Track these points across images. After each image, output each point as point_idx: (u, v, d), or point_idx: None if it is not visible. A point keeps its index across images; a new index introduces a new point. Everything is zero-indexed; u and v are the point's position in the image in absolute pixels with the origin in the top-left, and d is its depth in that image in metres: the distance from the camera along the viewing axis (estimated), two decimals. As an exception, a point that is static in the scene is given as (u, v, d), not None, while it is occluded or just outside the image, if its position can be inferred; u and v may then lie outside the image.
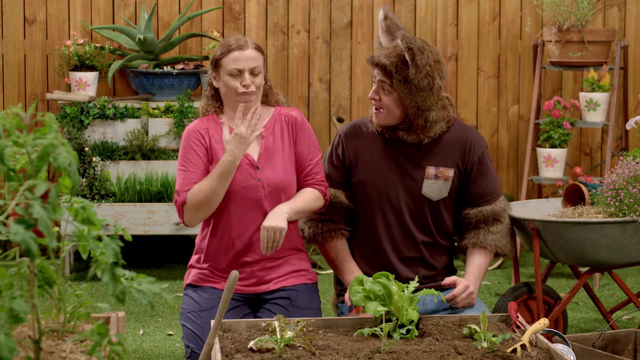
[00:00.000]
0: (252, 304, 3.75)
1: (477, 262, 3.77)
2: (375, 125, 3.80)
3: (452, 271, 3.88)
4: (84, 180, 5.74)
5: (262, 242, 3.58)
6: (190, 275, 3.79)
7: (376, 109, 3.73)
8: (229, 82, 3.67)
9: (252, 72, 3.68)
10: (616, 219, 3.91)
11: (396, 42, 3.68)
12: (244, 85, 3.66)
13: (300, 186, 3.77)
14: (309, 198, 3.72)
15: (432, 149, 3.77)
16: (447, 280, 3.65)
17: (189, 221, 3.68)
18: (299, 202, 3.69)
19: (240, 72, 3.66)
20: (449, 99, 3.81)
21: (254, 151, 3.74)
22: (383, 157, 3.79)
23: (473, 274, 3.74)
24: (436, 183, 3.76)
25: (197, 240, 3.82)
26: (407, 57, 3.58)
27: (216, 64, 3.72)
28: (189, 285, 3.79)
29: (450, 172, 3.77)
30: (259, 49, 3.73)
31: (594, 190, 4.17)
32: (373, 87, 3.72)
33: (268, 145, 3.74)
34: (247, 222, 3.67)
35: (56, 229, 5.45)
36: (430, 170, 3.76)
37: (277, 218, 3.60)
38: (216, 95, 3.78)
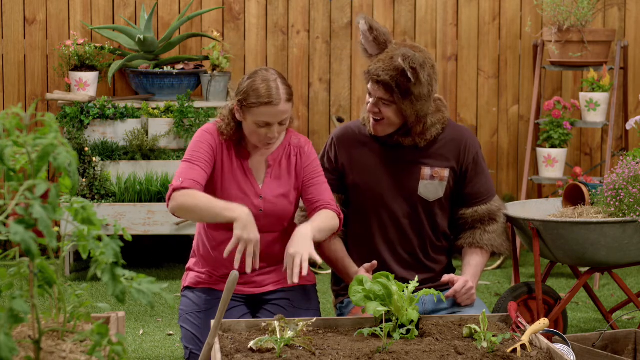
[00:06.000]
0: (252, 304, 3.74)
1: (474, 262, 3.77)
2: (370, 130, 3.78)
3: (451, 271, 3.88)
4: (84, 180, 5.74)
5: (288, 269, 3.40)
6: (188, 278, 3.78)
7: (375, 120, 3.72)
8: (255, 130, 3.55)
9: (281, 123, 3.56)
10: (616, 219, 3.91)
11: (391, 54, 3.63)
12: (269, 137, 3.56)
13: (309, 208, 3.67)
14: (325, 217, 3.60)
15: (428, 150, 3.77)
16: (445, 277, 3.65)
17: (172, 212, 3.56)
18: (320, 222, 3.56)
19: (267, 126, 3.55)
20: (441, 100, 3.81)
21: (259, 177, 3.69)
22: (378, 159, 3.78)
23: (470, 273, 3.74)
24: (432, 184, 3.76)
25: (194, 245, 3.80)
26: (411, 76, 3.55)
27: (243, 107, 3.56)
28: (187, 288, 3.78)
29: (445, 173, 3.77)
30: (290, 99, 3.55)
31: (594, 190, 4.17)
32: (370, 101, 3.68)
33: (274, 174, 3.67)
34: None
35: (56, 229, 5.45)
36: (426, 170, 3.76)
37: (302, 242, 3.43)
38: (238, 126, 3.64)
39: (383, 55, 3.67)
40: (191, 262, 3.81)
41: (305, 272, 3.38)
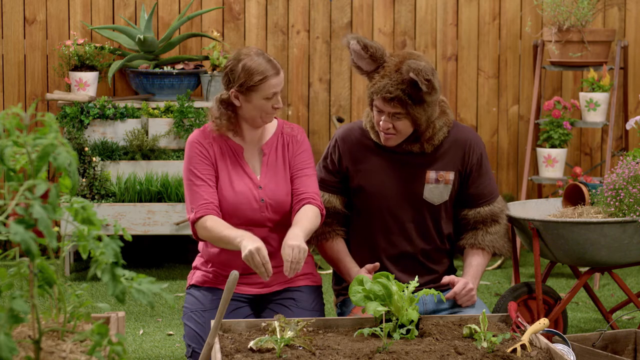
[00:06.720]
0: (256, 305, 3.74)
1: (475, 263, 3.77)
2: (375, 139, 3.76)
3: (452, 272, 3.88)
4: (84, 180, 5.74)
5: (287, 261, 3.40)
6: (195, 277, 3.78)
7: (387, 134, 3.68)
8: (263, 105, 3.60)
9: (281, 92, 3.66)
10: (616, 219, 3.91)
11: (394, 67, 3.60)
12: (275, 107, 3.60)
13: (294, 199, 3.67)
14: (313, 217, 3.60)
15: (433, 153, 3.75)
16: (445, 279, 3.65)
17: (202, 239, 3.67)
18: (308, 224, 3.56)
19: (275, 95, 3.61)
20: (445, 101, 3.79)
21: (256, 168, 3.70)
22: (383, 163, 3.76)
23: (471, 274, 3.73)
24: (437, 187, 3.75)
25: (200, 246, 3.80)
26: (426, 88, 3.52)
27: (248, 89, 3.59)
28: (193, 286, 3.78)
29: (450, 176, 3.75)
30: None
31: (594, 190, 4.17)
32: (383, 119, 3.63)
33: (270, 163, 3.69)
34: None
35: (56, 229, 5.45)
36: (431, 174, 3.74)
37: (299, 240, 3.45)
38: (234, 115, 3.67)
39: (385, 71, 3.62)
40: (198, 260, 3.81)
41: (299, 269, 3.42)
